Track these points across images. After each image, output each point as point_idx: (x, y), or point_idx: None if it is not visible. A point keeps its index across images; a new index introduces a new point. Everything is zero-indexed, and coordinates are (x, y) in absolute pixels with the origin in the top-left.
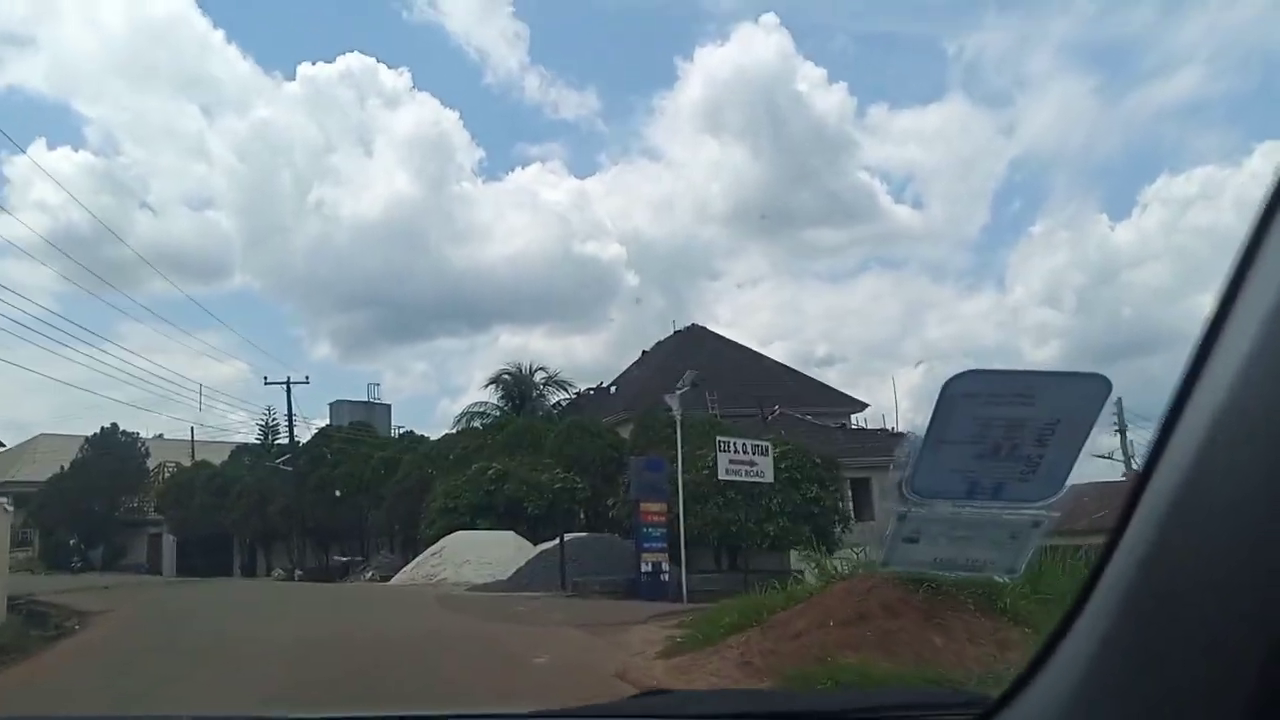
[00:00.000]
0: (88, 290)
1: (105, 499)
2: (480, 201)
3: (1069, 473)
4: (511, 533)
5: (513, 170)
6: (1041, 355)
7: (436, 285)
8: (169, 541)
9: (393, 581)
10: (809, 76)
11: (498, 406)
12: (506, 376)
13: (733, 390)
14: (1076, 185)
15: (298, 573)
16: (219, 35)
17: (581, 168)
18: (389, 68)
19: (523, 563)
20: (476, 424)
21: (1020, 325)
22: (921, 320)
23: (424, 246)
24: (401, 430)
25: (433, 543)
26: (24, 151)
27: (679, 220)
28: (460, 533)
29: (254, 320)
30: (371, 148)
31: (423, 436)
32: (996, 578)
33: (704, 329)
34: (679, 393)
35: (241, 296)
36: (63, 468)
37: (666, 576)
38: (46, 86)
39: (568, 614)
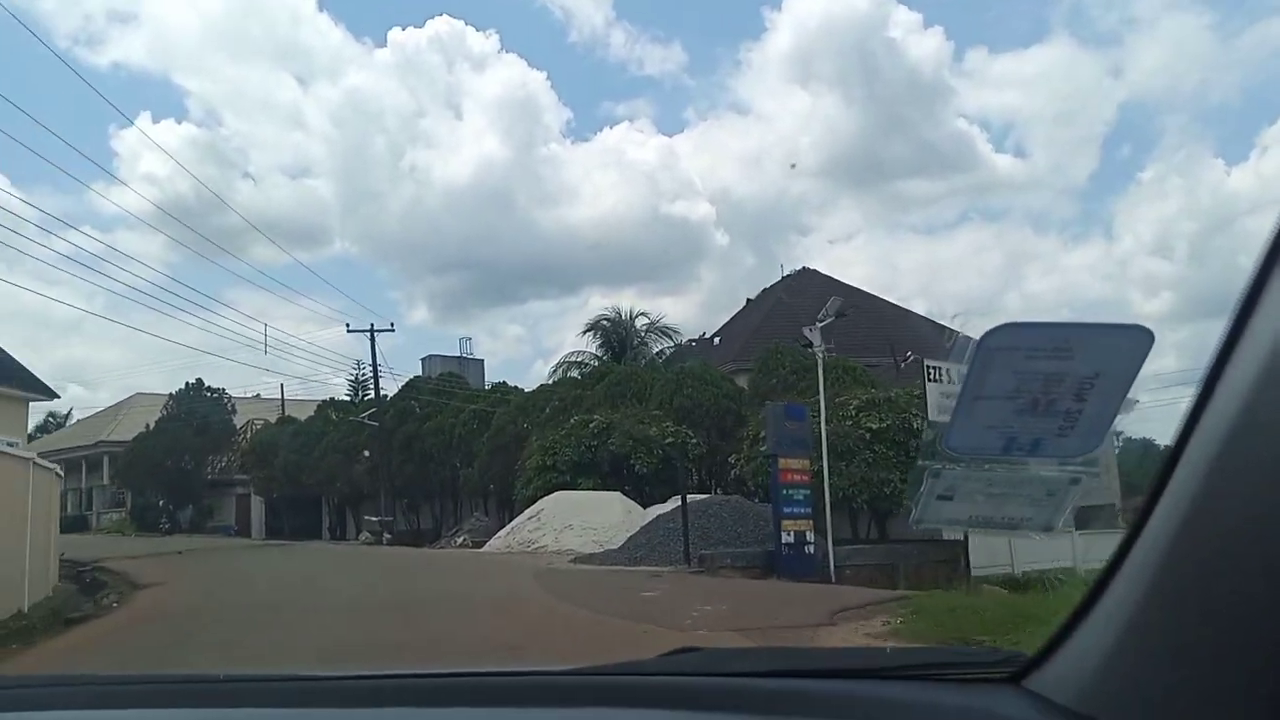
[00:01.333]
0: (197, 255)
1: (192, 458)
2: (568, 162)
3: (1109, 427)
4: (618, 493)
5: (600, 130)
6: (1151, 308)
7: (526, 247)
8: (257, 503)
9: (486, 548)
10: (903, 21)
11: (596, 356)
12: (605, 323)
13: (857, 336)
14: (1189, 129)
15: (386, 536)
16: (310, 4)
17: (669, 125)
18: (477, 30)
19: (633, 528)
20: (574, 374)
21: (1128, 276)
22: (1023, 273)
23: (513, 209)
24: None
25: (530, 504)
26: (132, 123)
27: (768, 175)
28: (560, 493)
29: (352, 284)
30: (461, 111)
31: (516, 388)
32: (1032, 534)
33: (815, 271)
34: (820, 325)
35: (340, 261)
36: (148, 426)
37: (812, 549)
38: (149, 61)
39: (713, 604)
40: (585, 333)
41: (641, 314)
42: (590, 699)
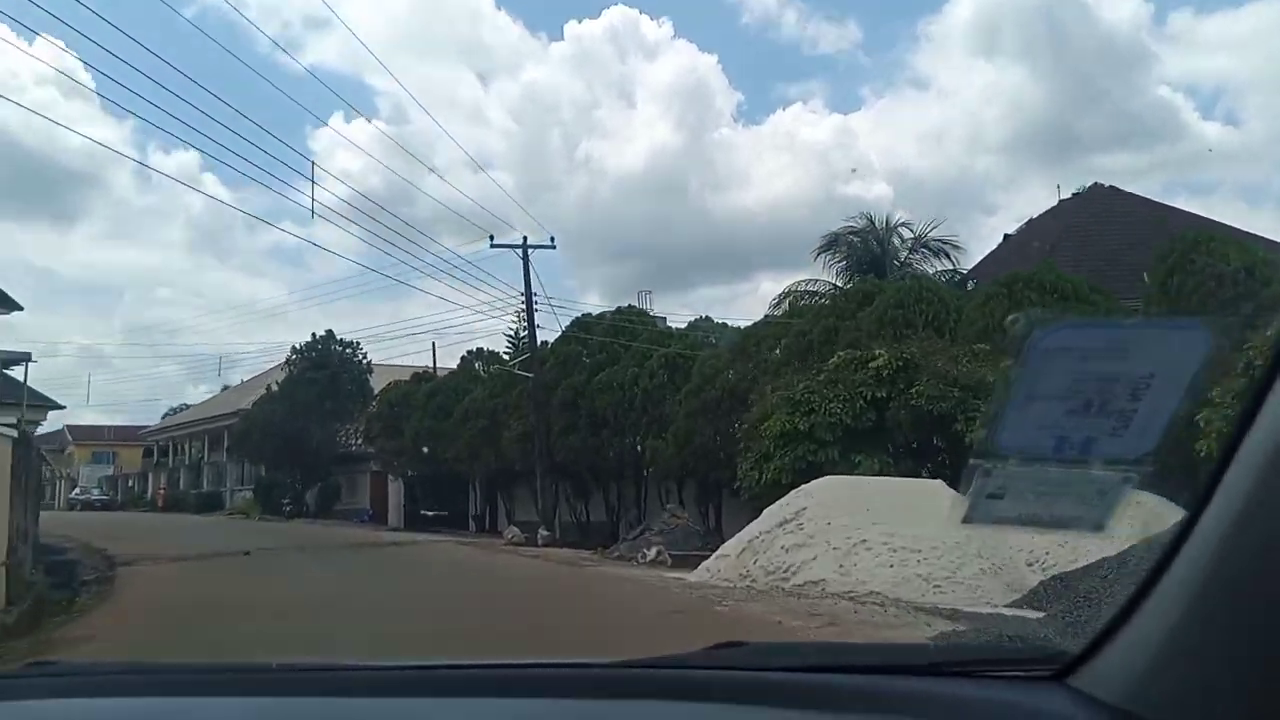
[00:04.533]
0: (388, 245)
1: (318, 425)
2: (740, 147)
3: (1164, 427)
4: (939, 483)
5: (773, 112)
6: None
7: (697, 233)
8: (396, 484)
9: (699, 573)
10: None
11: (833, 285)
12: (853, 237)
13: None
14: None
15: (543, 533)
16: (489, 2)
17: (843, 104)
18: (651, 18)
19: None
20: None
21: None
22: None
23: (684, 195)
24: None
25: (769, 496)
26: (326, 124)
27: (949, 152)
28: (834, 479)
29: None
30: (634, 100)
31: (723, 324)
32: (1083, 531)
33: (1115, 189)
34: None
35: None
36: (270, 388)
37: None
38: (341, 63)
39: None
40: (821, 254)
41: (904, 224)
42: (631, 691)
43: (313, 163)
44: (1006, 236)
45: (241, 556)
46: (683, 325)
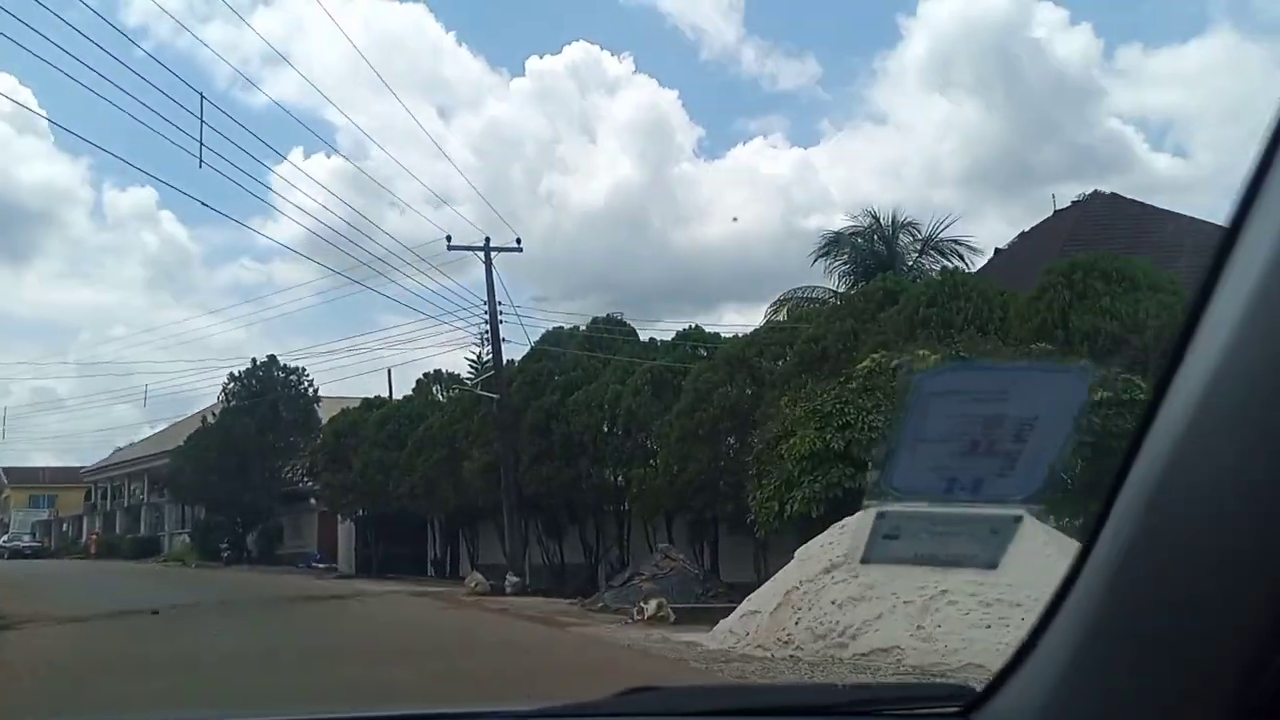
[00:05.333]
0: (345, 282)
1: (258, 461)
2: (701, 181)
3: (1049, 468)
4: (1024, 512)
5: (733, 147)
6: None
7: (661, 267)
8: (346, 526)
9: (715, 636)
10: (1048, 20)
11: (832, 292)
12: (857, 238)
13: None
14: None
15: (511, 579)
16: (450, 38)
17: (803, 138)
18: (612, 54)
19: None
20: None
21: None
22: None
23: (647, 229)
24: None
25: (791, 533)
26: (285, 158)
27: (908, 185)
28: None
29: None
30: (596, 135)
31: (715, 334)
32: (975, 570)
33: (1115, 195)
34: None
35: (479, 286)
36: (205, 420)
37: None
38: (300, 98)
39: None
40: (817, 259)
41: (909, 223)
42: None
43: (201, 96)
44: (998, 250)
45: (149, 616)
46: (669, 337)
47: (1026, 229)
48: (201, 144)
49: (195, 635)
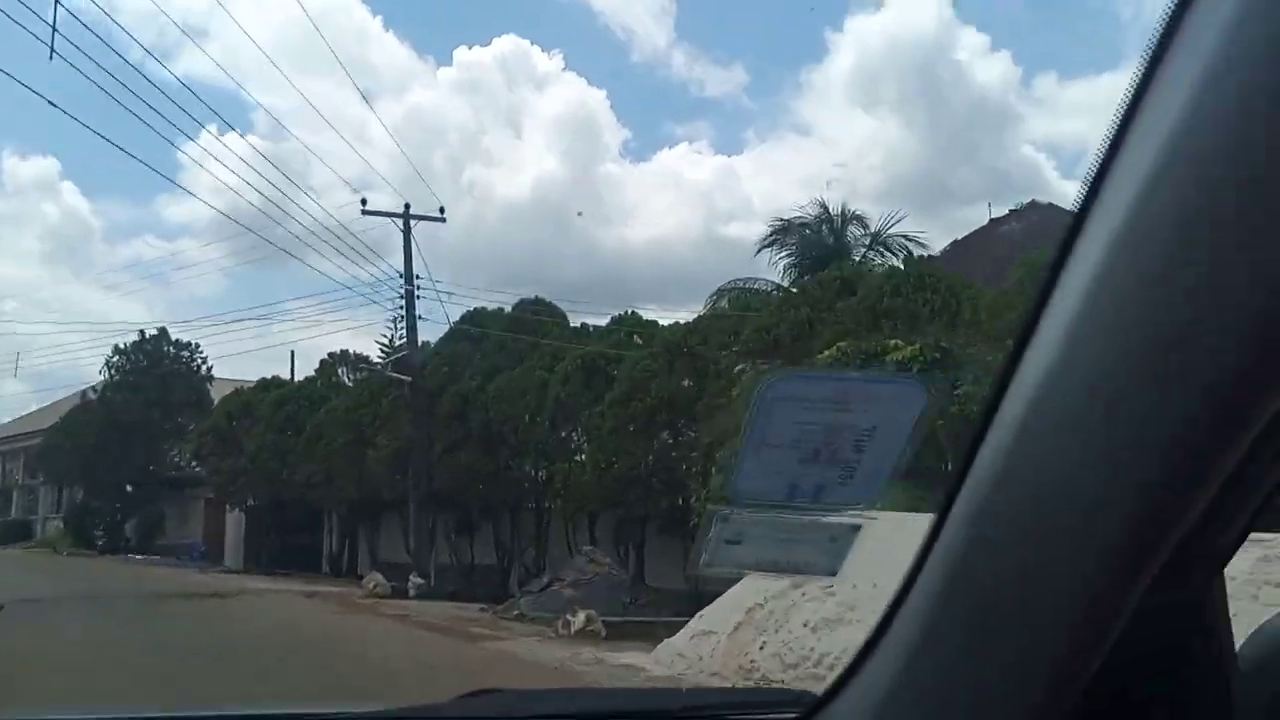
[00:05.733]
0: (256, 267)
1: (142, 442)
2: (627, 182)
3: (886, 478)
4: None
5: (659, 150)
6: None
7: (583, 267)
8: (235, 515)
9: (667, 669)
10: (970, 44)
11: (777, 285)
12: (805, 230)
13: None
14: None
15: (415, 580)
16: (377, 22)
17: (728, 146)
18: (542, 50)
19: None
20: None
21: None
22: None
23: (571, 227)
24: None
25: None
26: (193, 140)
27: (829, 198)
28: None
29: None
30: (522, 129)
31: (653, 322)
32: (817, 577)
33: (1052, 204)
34: None
35: (395, 275)
36: (86, 395)
37: None
38: (218, 75)
39: None
40: (762, 249)
41: (858, 216)
42: None
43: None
44: (955, 242)
45: None
46: (603, 322)
47: (960, 237)
48: (55, 30)
49: (35, 634)
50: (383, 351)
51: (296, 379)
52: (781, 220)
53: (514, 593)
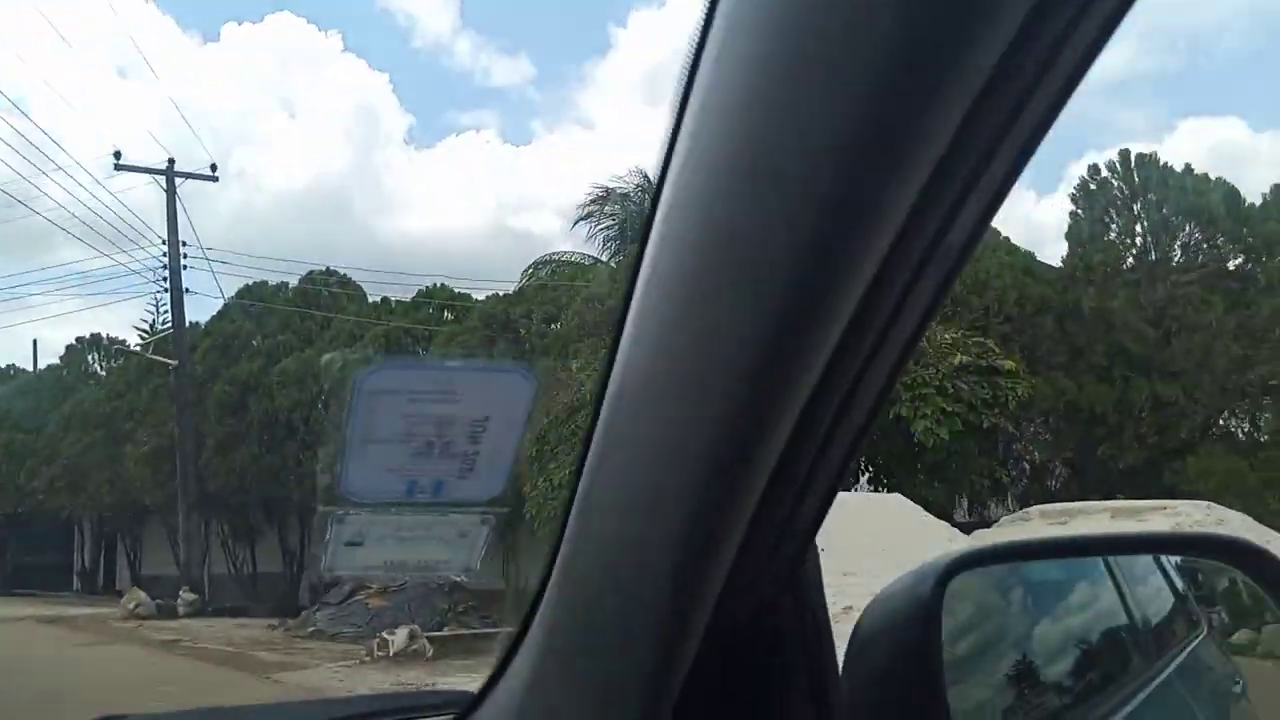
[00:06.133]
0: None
1: None
2: (409, 171)
3: (508, 469)
4: (898, 497)
5: (443, 138)
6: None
7: (363, 256)
8: None
9: None
10: None
11: (594, 259)
12: (626, 200)
13: None
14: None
15: (185, 596)
16: None
17: (515, 136)
18: (319, 30)
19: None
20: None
21: None
22: None
23: (351, 216)
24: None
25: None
26: None
27: (616, 193)
28: None
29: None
30: (296, 111)
31: (463, 295)
32: (454, 576)
33: None
34: None
35: (162, 266)
36: None
37: None
38: None
39: None
40: (577, 223)
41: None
42: None
43: None
44: None
45: None
46: (408, 297)
47: None
48: None
49: None
50: (142, 335)
51: (37, 365)
52: (601, 188)
53: (306, 605)
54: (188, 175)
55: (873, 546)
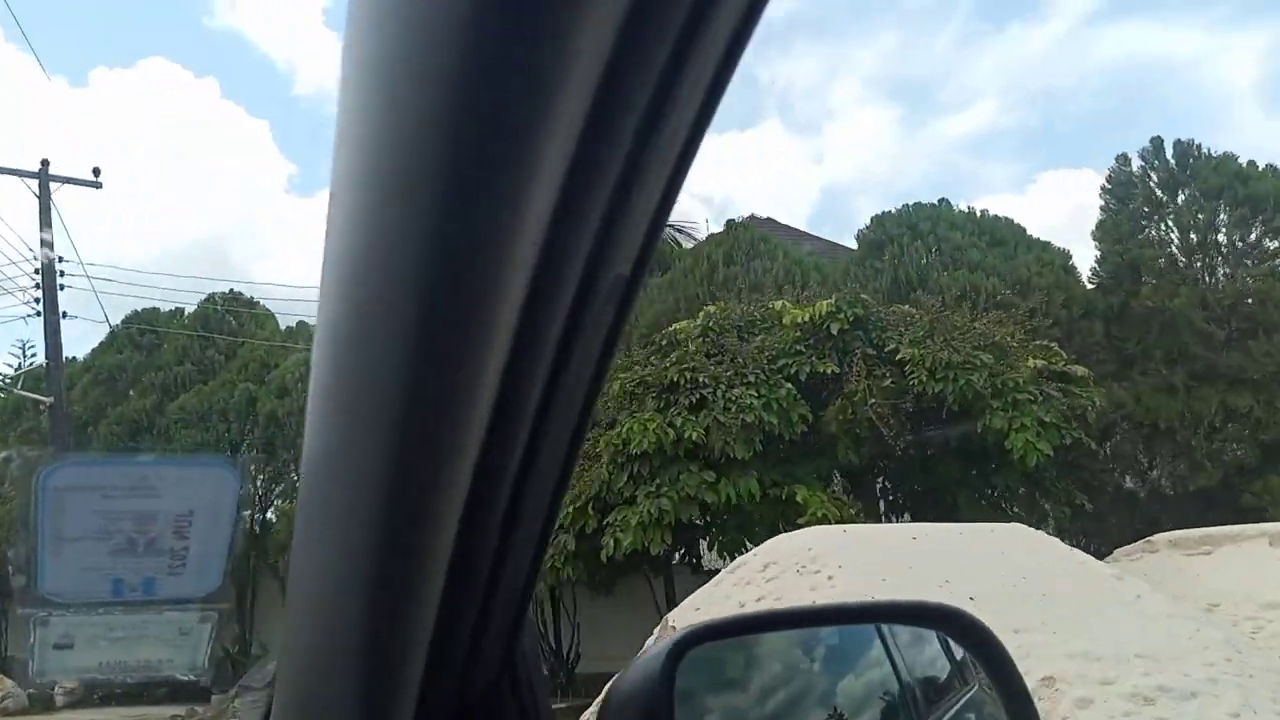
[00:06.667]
0: None
1: None
2: (291, 219)
3: (223, 563)
4: (1024, 528)
5: (326, 186)
6: None
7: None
8: None
9: None
10: None
11: None
12: None
13: None
14: (881, 209)
15: (65, 684)
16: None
17: None
18: (195, 76)
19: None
20: None
21: None
22: None
23: (231, 267)
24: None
25: (604, 586)
26: None
27: None
28: (821, 532)
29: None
30: (169, 159)
31: None
32: (181, 676)
33: (771, 218)
34: None
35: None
36: None
37: None
38: None
39: None
40: None
41: None
42: None
43: None
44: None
45: None
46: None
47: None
48: None
49: None
50: (11, 369)
51: None
52: None
53: (229, 686)
54: (66, 180)
55: (1032, 593)
